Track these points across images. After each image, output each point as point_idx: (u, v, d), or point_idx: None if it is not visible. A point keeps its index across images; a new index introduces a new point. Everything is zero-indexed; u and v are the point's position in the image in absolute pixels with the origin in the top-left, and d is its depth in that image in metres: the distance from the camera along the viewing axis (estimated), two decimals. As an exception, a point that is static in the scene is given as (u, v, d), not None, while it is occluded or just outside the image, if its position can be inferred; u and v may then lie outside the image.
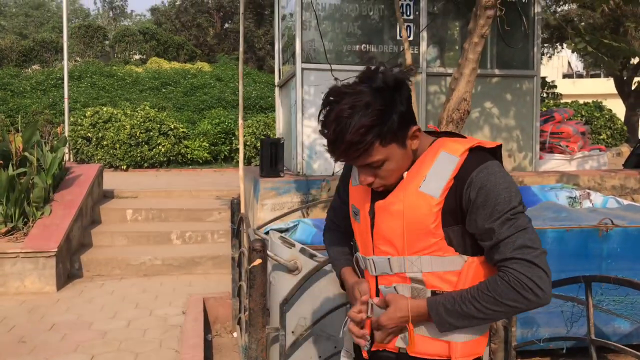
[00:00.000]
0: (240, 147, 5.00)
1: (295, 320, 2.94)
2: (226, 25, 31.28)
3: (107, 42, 25.47)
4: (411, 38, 6.22)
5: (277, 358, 2.91)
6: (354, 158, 1.37)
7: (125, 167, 12.19)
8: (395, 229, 1.42)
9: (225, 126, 13.38)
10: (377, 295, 1.52)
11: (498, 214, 1.31)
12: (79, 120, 12.67)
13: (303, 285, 2.87)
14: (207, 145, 13.05)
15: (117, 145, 12.13)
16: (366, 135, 1.31)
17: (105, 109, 12.96)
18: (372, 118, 1.31)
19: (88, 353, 3.80)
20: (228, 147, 13.32)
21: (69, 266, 5.70)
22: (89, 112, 12.82)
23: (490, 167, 1.36)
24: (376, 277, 1.50)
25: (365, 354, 1.55)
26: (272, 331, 2.86)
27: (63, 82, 13.41)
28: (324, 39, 5.97)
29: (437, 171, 1.39)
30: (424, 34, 6.31)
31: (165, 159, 12.53)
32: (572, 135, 6.86)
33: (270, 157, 5.65)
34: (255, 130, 12.66)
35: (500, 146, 1.45)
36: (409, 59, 5.16)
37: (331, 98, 1.36)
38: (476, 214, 1.34)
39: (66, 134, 11.66)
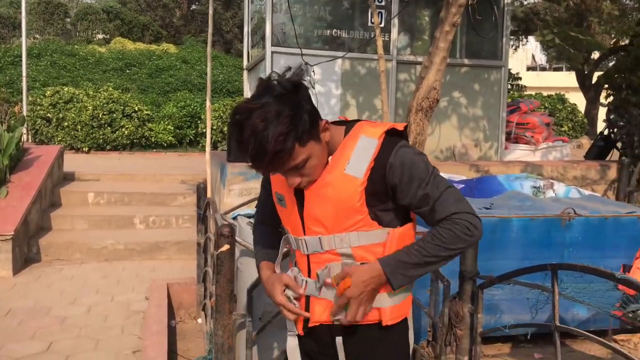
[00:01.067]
0: (208, 130, 4.89)
1: (262, 306, 2.90)
2: (193, 6, 30.71)
3: (68, 19, 24.61)
4: (382, 25, 6.19)
5: (244, 344, 2.87)
6: (280, 165, 1.44)
7: (86, 149, 11.84)
8: (326, 210, 1.52)
9: (191, 109, 13.12)
10: (309, 274, 1.60)
11: (425, 181, 1.49)
12: (39, 99, 12.21)
13: (271, 271, 2.82)
14: (172, 128, 12.78)
15: (79, 127, 11.76)
16: (286, 142, 1.39)
17: (66, 89, 12.53)
18: (287, 124, 1.39)
19: (46, 340, 3.68)
20: (194, 131, 13.08)
21: (26, 250, 5.50)
22: (49, 92, 12.36)
23: (402, 148, 1.51)
24: (308, 256, 1.60)
25: (300, 331, 1.65)
26: (238, 317, 2.81)
27: (21, 60, 12.91)
28: (294, 23, 5.89)
29: (359, 154, 1.50)
30: (395, 21, 6.29)
31: (128, 142, 12.22)
32: (537, 126, 6.98)
33: (238, 142, 5.55)
34: (222, 114, 12.44)
35: (407, 126, 1.61)
36: (380, 46, 5.13)
37: (238, 117, 1.41)
38: (408, 188, 1.49)
39: (24, 113, 11.24)
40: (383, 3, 6.26)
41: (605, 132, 7.38)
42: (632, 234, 4.20)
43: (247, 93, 7.64)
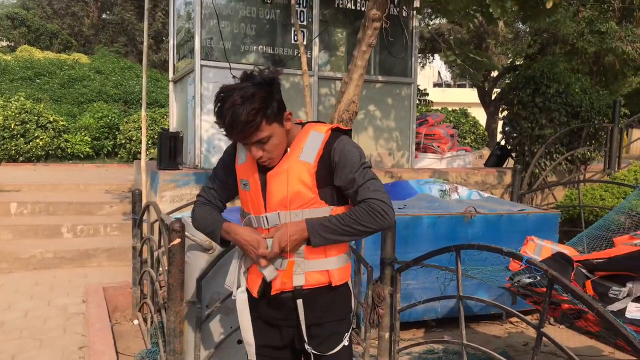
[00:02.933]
0: (143, 138, 5.11)
1: (209, 294, 3.22)
2: (104, 15, 29.91)
3: (-32, 25, 23.27)
4: (304, 43, 6.66)
5: (192, 329, 3.17)
6: (248, 135, 1.79)
7: (-4, 160, 11.44)
8: (284, 190, 1.87)
9: (108, 120, 13.00)
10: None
11: (355, 168, 1.88)
12: (-59, 109, 11.65)
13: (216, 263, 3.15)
14: (89, 139, 12.60)
15: (-12, 138, 11.35)
16: (256, 116, 1.77)
17: (-28, 98, 12.04)
18: (259, 103, 1.76)
19: (-12, 341, 3.77)
20: (112, 142, 12.95)
21: (-51, 261, 5.42)
22: (-47, 101, 11.83)
23: (345, 139, 1.92)
24: (268, 230, 1.94)
25: (255, 294, 1.99)
26: (189, 304, 3.11)
27: None
28: (222, 39, 6.23)
29: (310, 144, 1.89)
30: (316, 40, 6.79)
31: (43, 153, 11.90)
32: (442, 137, 7.72)
33: (170, 150, 5.79)
34: (141, 125, 12.43)
35: (350, 130, 2.03)
36: (304, 63, 5.59)
37: (222, 94, 1.80)
38: (341, 171, 1.87)
39: None
40: (305, 23, 6.75)
41: (502, 143, 8.29)
42: (523, 228, 4.89)
43: (173, 104, 7.85)
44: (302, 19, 6.71)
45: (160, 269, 3.85)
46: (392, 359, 3.45)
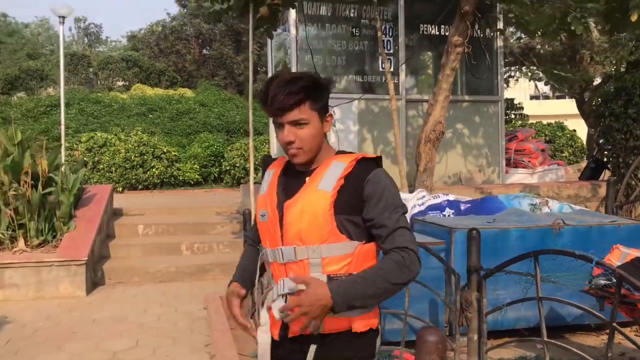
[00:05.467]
0: (251, 165, 5.78)
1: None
2: (204, 51, 32.15)
3: (91, 69, 26.06)
4: (392, 70, 7.12)
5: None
6: (287, 109, 1.67)
7: (120, 189, 12.80)
8: (302, 220, 1.70)
9: (214, 149, 14.14)
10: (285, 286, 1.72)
11: (391, 208, 1.70)
12: (74, 145, 13.28)
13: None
14: (198, 167, 13.78)
15: (113, 169, 12.78)
16: (300, 92, 1.67)
17: (99, 134, 13.61)
18: (308, 83, 1.70)
19: (133, 338, 4.51)
20: (217, 169, 14.07)
21: (93, 274, 6.36)
22: (84, 138, 13.45)
23: (381, 172, 1.74)
24: (284, 264, 1.74)
25: (276, 336, 1.78)
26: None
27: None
28: (316, 70, 6.84)
29: (329, 174, 1.72)
30: (403, 66, 7.23)
31: (158, 181, 13.20)
32: (533, 152, 7.82)
33: (273, 175, 6.43)
34: (243, 152, 13.44)
35: (380, 157, 1.81)
36: (392, 89, 6.05)
37: (275, 74, 1.80)
38: (375, 205, 1.69)
39: (62, 159, 12.23)
40: (392, 51, 7.23)
41: (597, 156, 8.21)
42: (614, 239, 4.90)
43: (272, 134, 8.57)
44: (389, 48, 7.19)
45: (270, 278, 4.42)
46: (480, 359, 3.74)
